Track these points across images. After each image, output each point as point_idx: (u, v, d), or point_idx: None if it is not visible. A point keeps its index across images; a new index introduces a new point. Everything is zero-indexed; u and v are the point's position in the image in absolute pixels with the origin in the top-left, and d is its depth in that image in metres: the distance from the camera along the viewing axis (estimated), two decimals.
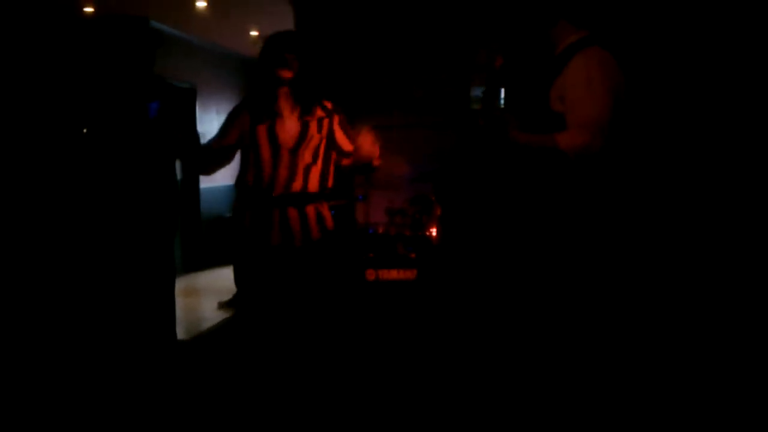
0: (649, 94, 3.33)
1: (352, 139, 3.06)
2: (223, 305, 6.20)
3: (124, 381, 3.39)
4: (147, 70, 3.29)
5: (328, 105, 3.05)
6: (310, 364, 3.20)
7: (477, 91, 5.13)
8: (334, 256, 3.12)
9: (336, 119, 3.03)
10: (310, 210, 2.95)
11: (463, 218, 2.72)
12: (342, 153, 3.06)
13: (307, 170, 2.92)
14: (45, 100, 5.52)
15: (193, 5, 6.37)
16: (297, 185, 2.91)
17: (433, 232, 4.60)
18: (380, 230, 4.86)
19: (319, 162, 2.97)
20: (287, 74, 2.85)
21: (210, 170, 3.21)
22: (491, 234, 2.60)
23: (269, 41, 2.94)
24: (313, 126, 2.93)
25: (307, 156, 2.91)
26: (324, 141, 2.97)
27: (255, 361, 3.08)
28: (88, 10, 6.49)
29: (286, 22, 6.29)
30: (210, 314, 6.09)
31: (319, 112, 2.99)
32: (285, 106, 2.92)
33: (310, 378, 3.28)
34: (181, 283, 7.44)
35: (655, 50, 3.48)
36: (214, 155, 3.10)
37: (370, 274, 4.44)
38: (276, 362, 3.07)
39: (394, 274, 4.41)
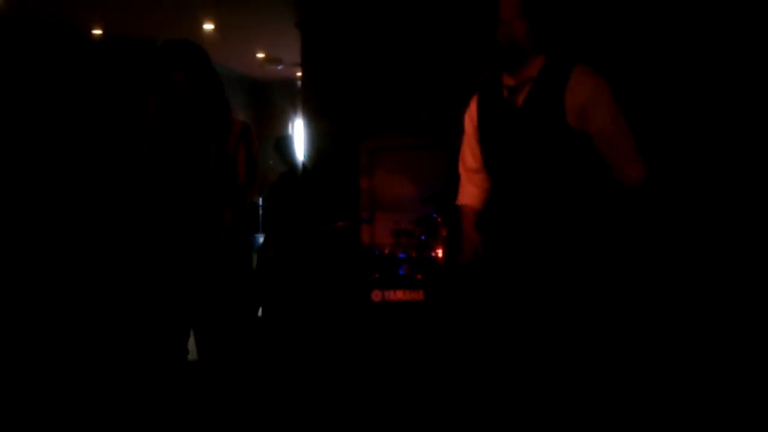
0: None
1: (250, 165, 2.84)
2: None
3: (120, 389, 3.37)
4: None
5: (237, 122, 2.83)
6: (316, 382, 3.18)
7: None
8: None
9: (242, 142, 2.82)
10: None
11: (491, 244, 2.69)
12: (234, 179, 2.82)
13: (208, 188, 2.76)
14: (55, 116, 5.57)
15: (201, 28, 6.43)
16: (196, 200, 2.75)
17: (439, 253, 4.59)
18: (386, 251, 4.86)
19: (222, 181, 2.79)
20: (175, 92, 2.72)
21: None
22: (498, 255, 2.58)
23: (156, 54, 2.77)
24: (214, 143, 2.76)
25: (206, 175, 2.75)
26: (227, 161, 2.78)
27: (261, 377, 3.07)
28: (97, 32, 6.57)
29: (292, 44, 6.35)
30: None
31: (235, 128, 2.79)
32: (185, 123, 2.76)
33: (316, 399, 3.26)
34: None
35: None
36: None
37: (376, 296, 4.43)
38: (283, 379, 3.05)
39: (400, 295, 4.40)
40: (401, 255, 4.79)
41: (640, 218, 2.54)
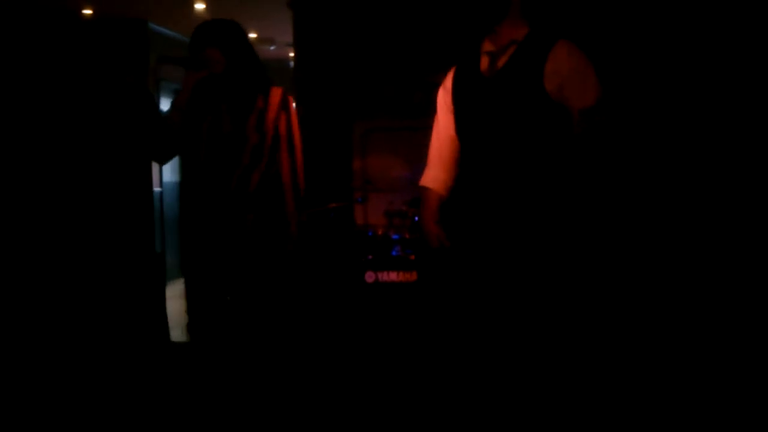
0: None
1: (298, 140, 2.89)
2: None
3: (116, 383, 3.37)
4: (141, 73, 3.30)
5: (276, 95, 2.80)
6: (308, 367, 3.19)
7: None
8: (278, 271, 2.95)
9: (293, 112, 2.87)
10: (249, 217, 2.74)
11: (461, 220, 2.69)
12: (291, 151, 2.82)
13: (247, 171, 2.72)
14: (40, 100, 5.51)
15: (192, 8, 6.37)
16: (233, 186, 2.72)
17: None
18: (379, 232, 4.86)
19: (263, 164, 2.75)
20: (213, 70, 2.73)
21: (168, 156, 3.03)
22: (491, 235, 2.58)
23: (192, 35, 2.78)
24: (252, 120, 2.71)
25: (245, 157, 2.70)
26: (268, 138, 2.75)
27: (252, 363, 3.08)
28: (87, 12, 6.50)
29: (285, 25, 6.30)
30: None
31: (260, 103, 2.76)
32: (221, 101, 2.75)
33: (309, 381, 3.27)
34: (179, 286, 7.42)
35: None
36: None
37: (370, 277, 4.44)
38: (274, 366, 3.06)
39: (393, 276, 4.41)
40: (394, 236, 4.79)
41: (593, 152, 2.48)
